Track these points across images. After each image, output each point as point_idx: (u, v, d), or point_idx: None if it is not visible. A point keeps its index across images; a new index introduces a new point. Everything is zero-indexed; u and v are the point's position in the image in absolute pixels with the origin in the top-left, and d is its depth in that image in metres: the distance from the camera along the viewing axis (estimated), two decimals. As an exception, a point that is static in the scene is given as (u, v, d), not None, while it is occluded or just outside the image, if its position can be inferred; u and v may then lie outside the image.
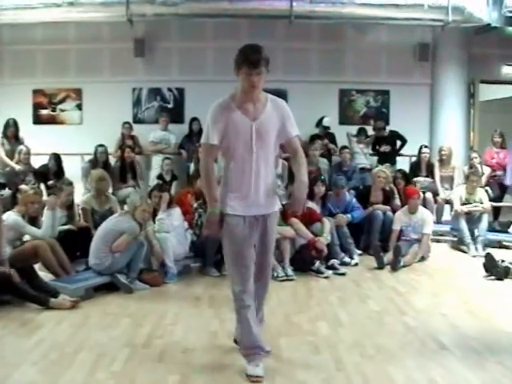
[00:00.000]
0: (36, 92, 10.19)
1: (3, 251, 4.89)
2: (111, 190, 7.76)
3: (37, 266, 5.35)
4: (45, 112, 10.24)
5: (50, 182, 8.03)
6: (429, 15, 8.75)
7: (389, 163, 8.91)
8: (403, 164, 9.35)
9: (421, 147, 9.04)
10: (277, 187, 3.64)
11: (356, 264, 6.66)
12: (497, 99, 10.89)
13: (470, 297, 5.33)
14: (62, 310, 4.70)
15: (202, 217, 6.11)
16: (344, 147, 9.19)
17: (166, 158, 9.15)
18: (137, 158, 9.26)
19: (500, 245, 7.67)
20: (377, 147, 9.48)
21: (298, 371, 3.48)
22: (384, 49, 10.16)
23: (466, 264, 6.86)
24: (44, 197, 6.42)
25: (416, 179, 8.64)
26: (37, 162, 8.58)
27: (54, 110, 10.25)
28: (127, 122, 9.66)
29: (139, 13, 8.62)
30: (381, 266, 6.46)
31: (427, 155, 8.98)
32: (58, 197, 6.28)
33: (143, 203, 5.75)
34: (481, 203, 7.66)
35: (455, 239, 7.83)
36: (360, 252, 7.09)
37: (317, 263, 6.20)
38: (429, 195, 8.47)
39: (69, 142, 9.50)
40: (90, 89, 10.10)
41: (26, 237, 5.73)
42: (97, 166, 8.60)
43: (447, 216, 8.50)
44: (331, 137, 9.63)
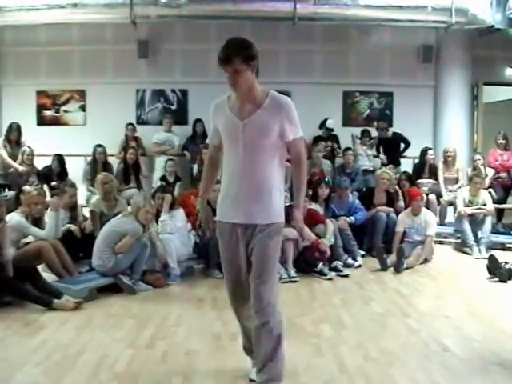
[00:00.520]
0: (40, 93, 10.21)
1: (7, 252, 4.89)
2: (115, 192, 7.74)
3: (40, 267, 5.37)
4: (48, 113, 10.26)
5: (54, 183, 8.04)
6: (432, 17, 8.77)
7: (392, 164, 8.92)
8: (406, 166, 9.33)
9: (424, 149, 9.01)
10: (280, 198, 3.23)
11: (359, 266, 6.66)
12: (500, 101, 10.87)
13: (473, 299, 5.31)
14: (66, 311, 4.71)
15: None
16: (347, 149, 9.18)
17: (170, 160, 9.14)
18: (141, 159, 9.26)
19: (503, 247, 7.64)
20: (380, 149, 9.46)
21: (301, 373, 3.49)
22: (387, 50, 10.15)
23: (470, 266, 6.84)
24: (47, 198, 6.43)
25: (419, 181, 8.62)
26: (40, 163, 8.58)
27: (58, 112, 10.27)
28: (131, 124, 9.66)
29: (143, 14, 8.66)
30: (384, 268, 6.46)
31: (432, 157, 8.96)
32: (61, 198, 6.31)
33: (146, 204, 5.77)
34: (484, 205, 7.66)
35: (458, 241, 7.81)
36: (363, 253, 7.08)
37: (320, 265, 6.19)
38: (432, 197, 8.45)
39: (72, 144, 9.50)
40: (94, 90, 10.13)
41: (30, 238, 5.73)
42: (96, 167, 8.62)
43: (451, 218, 8.49)
44: (335, 138, 9.63)
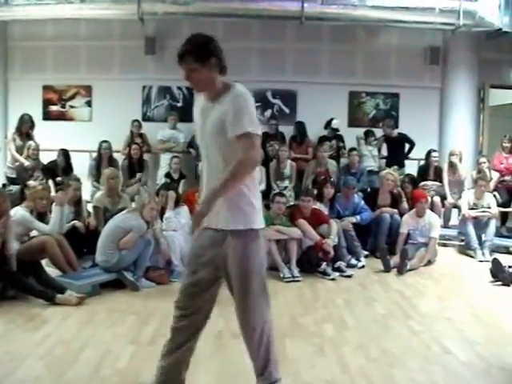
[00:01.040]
0: (46, 88, 10.21)
1: (11, 246, 4.91)
2: (120, 188, 7.76)
3: (44, 262, 5.39)
4: (54, 108, 10.25)
5: (58, 179, 8.06)
6: (440, 19, 8.74)
7: (396, 166, 8.90)
8: (411, 168, 9.30)
9: (429, 151, 8.99)
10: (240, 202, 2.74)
11: (362, 266, 6.66)
12: (507, 104, 10.83)
13: (476, 302, 5.31)
14: (69, 306, 4.73)
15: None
16: (352, 149, 9.17)
17: (175, 157, 9.12)
18: (145, 156, 9.28)
19: (507, 250, 7.63)
20: (383, 147, 9.41)
21: (303, 372, 3.49)
22: (394, 51, 10.12)
23: (473, 269, 6.84)
24: (52, 193, 6.44)
25: (424, 183, 8.61)
26: (45, 158, 8.62)
27: (64, 107, 10.27)
28: (136, 120, 9.65)
29: (150, 11, 8.66)
30: (387, 269, 6.45)
31: (436, 159, 8.93)
32: (66, 193, 6.32)
33: (151, 201, 5.78)
34: (489, 208, 7.65)
35: (462, 244, 7.81)
36: (367, 253, 7.09)
37: (323, 265, 6.19)
38: (436, 199, 8.42)
39: (78, 139, 9.50)
40: (100, 86, 10.11)
41: (34, 232, 5.75)
42: (101, 163, 8.64)
43: (455, 220, 8.48)
44: (340, 139, 9.61)
